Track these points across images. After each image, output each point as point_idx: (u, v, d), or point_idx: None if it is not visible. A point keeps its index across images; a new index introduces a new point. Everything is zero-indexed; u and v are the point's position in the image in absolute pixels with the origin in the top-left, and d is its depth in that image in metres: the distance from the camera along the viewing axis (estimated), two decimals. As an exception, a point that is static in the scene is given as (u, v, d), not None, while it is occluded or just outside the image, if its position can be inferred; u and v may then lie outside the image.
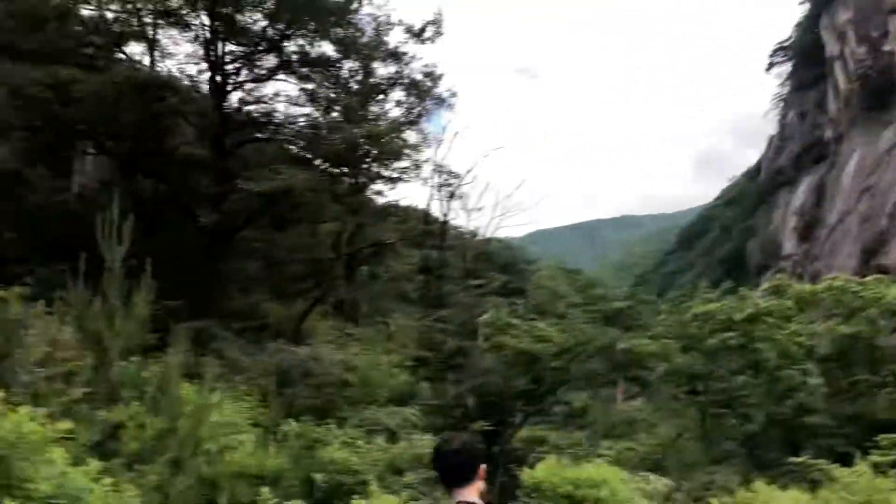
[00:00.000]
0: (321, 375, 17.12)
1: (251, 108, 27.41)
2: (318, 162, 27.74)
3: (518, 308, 25.88)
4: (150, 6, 24.43)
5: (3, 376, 9.33)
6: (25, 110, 21.10)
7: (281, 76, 27.68)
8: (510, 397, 19.54)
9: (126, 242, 10.01)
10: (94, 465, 6.62)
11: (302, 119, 28.14)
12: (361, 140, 25.31)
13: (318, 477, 10.90)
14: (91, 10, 25.02)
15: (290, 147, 28.32)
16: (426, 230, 34.78)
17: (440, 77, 30.87)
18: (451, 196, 35.42)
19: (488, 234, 37.70)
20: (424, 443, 13.63)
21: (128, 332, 9.65)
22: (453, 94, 32.30)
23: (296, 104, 28.36)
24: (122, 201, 11.01)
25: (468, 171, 36.09)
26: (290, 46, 27.12)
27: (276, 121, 28.11)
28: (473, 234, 38.10)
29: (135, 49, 26.09)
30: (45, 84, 19.69)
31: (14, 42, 20.73)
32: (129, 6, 24.59)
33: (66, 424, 6.75)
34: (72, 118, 21.86)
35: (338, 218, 28.63)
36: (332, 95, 28.52)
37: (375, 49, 29.03)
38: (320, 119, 27.98)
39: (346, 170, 28.72)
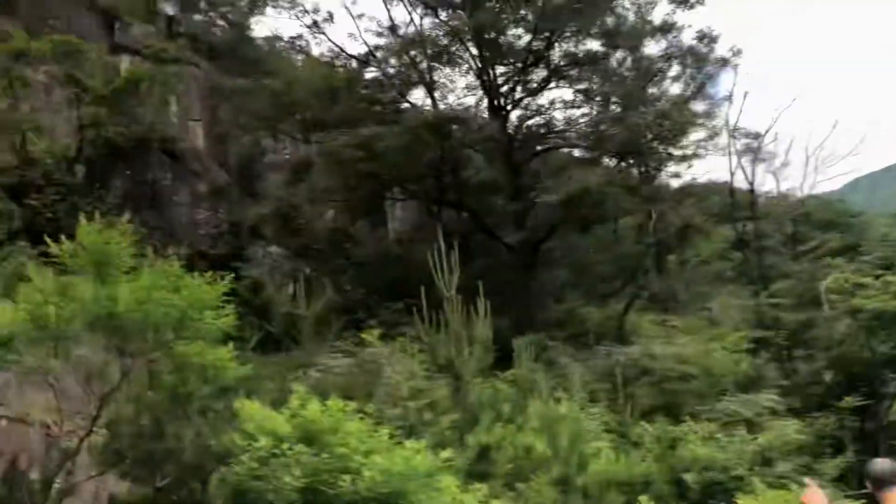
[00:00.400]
0: (659, 372, 16.55)
1: (531, 122, 27.91)
2: (605, 159, 27.44)
3: (863, 266, 23.01)
4: (424, 53, 26.09)
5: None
6: (340, 173, 23.52)
7: (553, 84, 27.93)
8: (877, 365, 17.27)
9: (456, 271, 10.47)
10: (482, 488, 6.86)
11: (582, 120, 28.05)
12: (645, 124, 24.51)
13: (689, 477, 10.40)
14: (373, 71, 27.51)
15: (576, 150, 28.30)
16: (732, 203, 32.50)
17: (716, 38, 28.83)
18: (755, 160, 32.75)
19: (803, 193, 34.24)
20: (791, 428, 12.45)
21: (475, 355, 10.03)
22: (736, 53, 29.71)
23: (573, 107, 28.43)
24: (435, 236, 11.62)
25: (769, 129, 33.30)
26: (556, 53, 27.31)
27: (557, 129, 28.36)
28: (786, 196, 34.88)
29: (417, 95, 28.11)
30: (351, 146, 21.81)
31: (321, 116, 23.34)
32: (406, 59, 26.55)
33: (445, 452, 7.04)
34: (378, 171, 23.93)
35: (635, 210, 27.99)
36: (607, 89, 28.06)
37: (642, 30, 28.05)
38: (600, 115, 27.66)
39: (635, 159, 28.03)
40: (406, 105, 27.82)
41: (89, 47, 25.12)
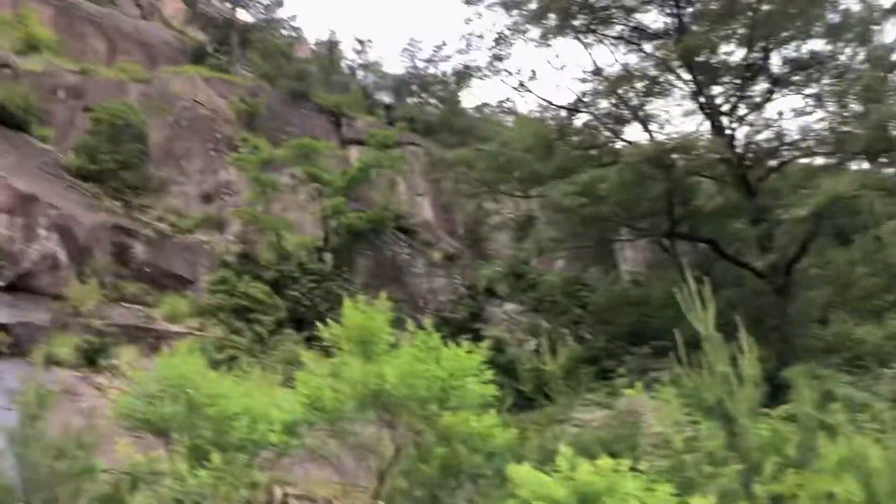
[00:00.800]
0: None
1: (760, 137, 26.10)
2: (852, 162, 24.87)
3: None
4: (633, 89, 25.56)
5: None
6: (564, 222, 23.41)
7: (778, 94, 26.03)
8: None
9: (711, 307, 9.77)
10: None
11: (818, 125, 25.75)
12: (891, 115, 21.89)
13: None
14: (584, 118, 27.36)
15: (817, 159, 25.94)
16: None
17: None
18: None
19: None
20: None
21: (745, 395, 9.22)
22: None
23: (805, 114, 26.22)
24: (672, 272, 10.99)
25: None
26: (776, 61, 25.53)
27: (791, 139, 26.26)
28: None
29: (631, 132, 27.47)
30: (573, 192, 21.66)
31: (538, 170, 23.53)
32: (615, 98, 26.14)
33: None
34: (603, 214, 23.50)
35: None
36: (841, 88, 25.59)
37: (870, 17, 25.43)
38: (838, 117, 25.23)
39: (888, 158, 25.09)
40: (622, 144, 27.30)
41: (322, 146, 27.49)
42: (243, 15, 44.66)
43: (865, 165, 24.35)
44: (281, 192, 28.54)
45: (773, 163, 26.54)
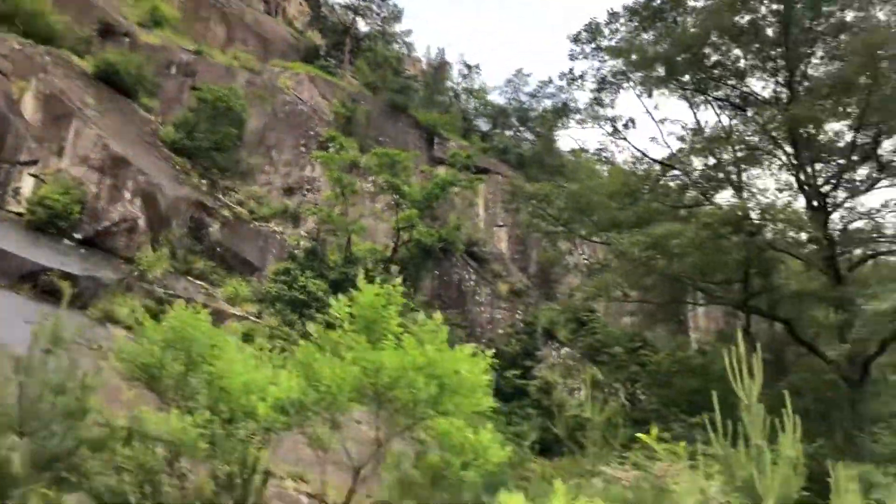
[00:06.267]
0: None
1: (858, 224, 24.80)
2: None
3: None
4: (732, 151, 24.73)
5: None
6: (634, 272, 22.67)
7: (885, 183, 24.69)
8: None
9: (759, 377, 9.15)
10: None
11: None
12: None
13: None
14: (676, 175, 26.60)
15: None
16: None
17: None
18: None
19: None
20: None
21: (781, 477, 8.54)
22: None
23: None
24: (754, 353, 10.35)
25: None
26: (887, 148, 24.27)
27: (889, 233, 24.83)
28: None
29: (723, 196, 26.52)
30: (644, 244, 20.97)
31: (617, 216, 22.93)
32: (711, 158, 25.36)
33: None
34: (675, 271, 22.69)
35: None
36: (955, 187, 24.12)
37: None
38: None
39: None
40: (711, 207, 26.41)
41: (406, 156, 27.62)
42: (360, 24, 45.78)
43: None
44: (360, 196, 28.83)
45: (863, 252, 25.20)
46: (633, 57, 25.44)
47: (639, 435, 11.75)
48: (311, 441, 6.56)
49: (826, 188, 24.73)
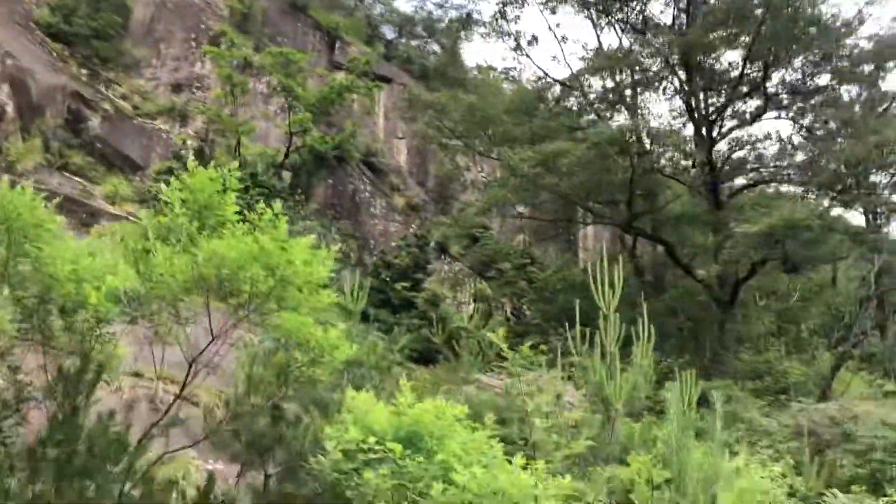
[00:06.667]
0: (864, 438, 14.16)
1: (741, 153, 25.69)
2: (818, 195, 24.53)
3: None
4: (630, 74, 24.93)
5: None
6: (524, 191, 22.82)
7: (771, 115, 25.58)
8: None
9: (618, 288, 9.42)
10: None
11: (800, 154, 25.36)
12: (865, 155, 21.42)
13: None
14: (576, 96, 26.68)
15: (788, 187, 25.63)
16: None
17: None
18: None
19: None
20: None
21: (630, 383, 8.91)
22: None
23: (790, 144, 25.78)
24: (616, 265, 10.58)
25: None
26: (774, 82, 25.03)
27: (771, 164, 25.85)
28: None
29: (619, 119, 26.84)
30: (534, 160, 21.06)
31: (512, 132, 22.88)
32: (608, 80, 25.53)
33: (566, 482, 6.03)
34: (564, 191, 22.98)
35: (857, 259, 24.83)
36: (833, 125, 25.11)
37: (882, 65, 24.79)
38: (820, 150, 24.83)
39: (850, 196, 24.73)
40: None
41: (302, 57, 26.55)
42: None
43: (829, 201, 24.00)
44: (252, 97, 27.66)
45: (748, 182, 26.25)
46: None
47: (509, 347, 12.05)
48: (155, 337, 6.31)
49: (714, 116, 25.42)
